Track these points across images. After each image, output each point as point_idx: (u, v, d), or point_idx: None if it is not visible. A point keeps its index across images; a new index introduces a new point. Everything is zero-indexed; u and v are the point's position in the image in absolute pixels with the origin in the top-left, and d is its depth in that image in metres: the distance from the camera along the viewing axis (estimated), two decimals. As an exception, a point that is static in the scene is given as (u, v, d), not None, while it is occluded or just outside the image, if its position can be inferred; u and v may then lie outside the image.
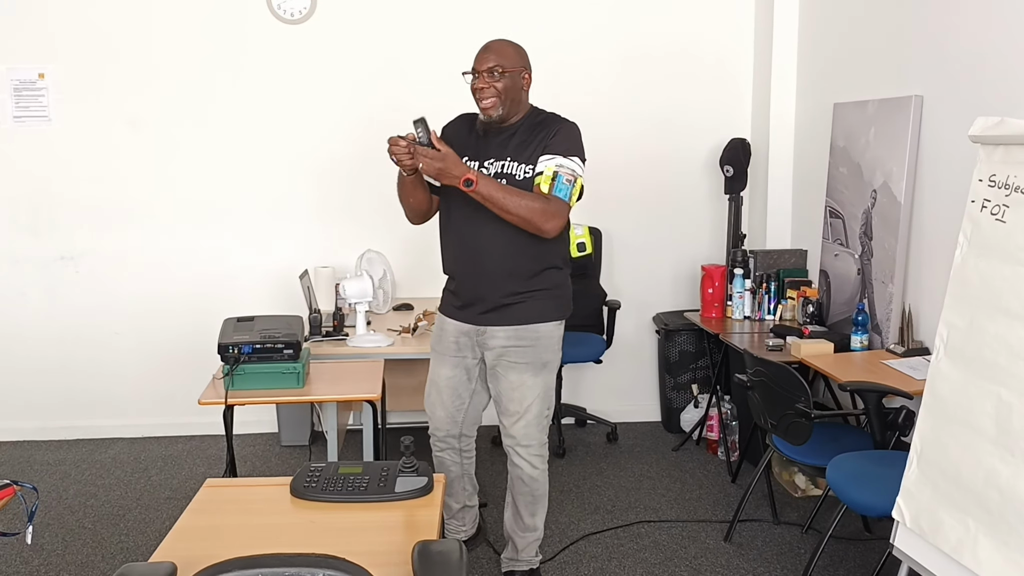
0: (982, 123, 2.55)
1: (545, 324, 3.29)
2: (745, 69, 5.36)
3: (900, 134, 4.01)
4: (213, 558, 1.65)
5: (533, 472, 3.40)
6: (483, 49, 3.19)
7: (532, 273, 3.23)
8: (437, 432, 3.54)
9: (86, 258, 5.23)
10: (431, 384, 3.51)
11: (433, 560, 1.90)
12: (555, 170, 3.08)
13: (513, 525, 3.53)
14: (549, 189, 3.07)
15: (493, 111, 3.15)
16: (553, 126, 3.18)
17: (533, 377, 3.30)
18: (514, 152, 3.17)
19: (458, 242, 3.29)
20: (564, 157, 3.10)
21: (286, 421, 5.17)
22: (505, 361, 3.29)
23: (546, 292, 3.28)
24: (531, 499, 3.45)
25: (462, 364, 3.40)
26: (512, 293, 3.23)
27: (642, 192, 5.41)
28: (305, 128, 5.19)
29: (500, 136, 3.21)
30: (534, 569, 3.59)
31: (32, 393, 5.30)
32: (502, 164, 3.17)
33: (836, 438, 3.70)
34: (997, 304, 2.42)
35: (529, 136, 3.18)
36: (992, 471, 2.36)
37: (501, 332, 3.27)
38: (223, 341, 3.40)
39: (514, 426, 3.35)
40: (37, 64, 5.04)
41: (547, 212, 3.05)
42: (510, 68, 3.13)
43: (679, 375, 5.32)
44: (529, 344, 3.27)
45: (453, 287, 3.39)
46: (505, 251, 3.18)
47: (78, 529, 4.15)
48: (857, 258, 4.34)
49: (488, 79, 3.12)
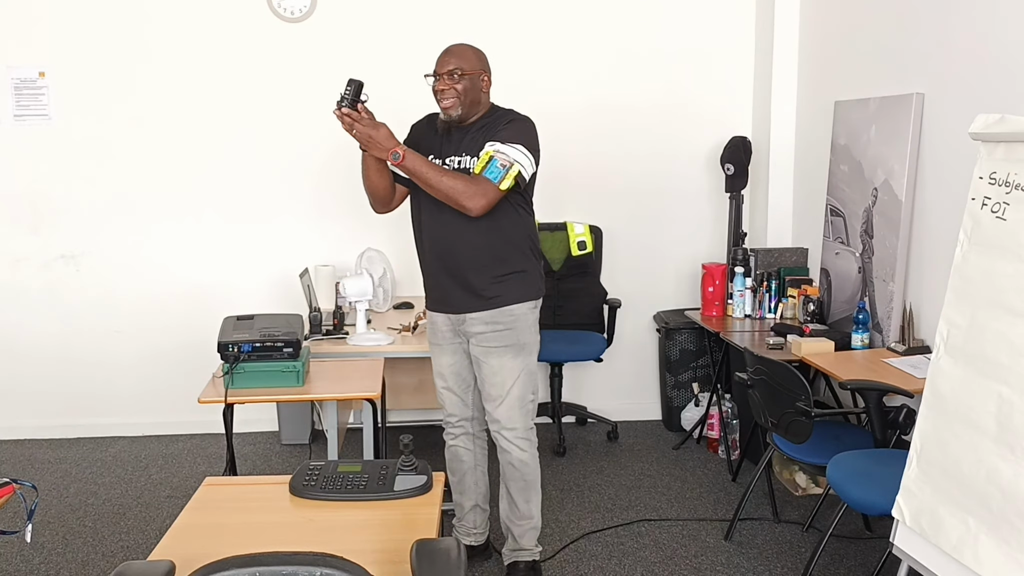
0: (983, 120, 2.55)
1: (520, 305, 3.41)
2: (746, 67, 5.35)
3: (901, 132, 4.00)
4: (212, 556, 1.64)
5: (522, 456, 3.49)
6: (444, 52, 3.35)
7: (500, 260, 3.37)
8: (451, 419, 3.63)
9: (86, 257, 5.23)
10: (437, 376, 3.61)
11: (431, 558, 1.89)
12: (491, 154, 3.21)
13: (509, 515, 3.60)
14: (480, 170, 3.21)
15: (453, 111, 3.30)
16: (504, 119, 3.33)
17: (512, 359, 3.41)
18: (469, 147, 3.32)
19: (427, 240, 3.43)
20: (504, 144, 3.23)
21: (286, 420, 5.17)
22: (484, 346, 3.41)
23: (516, 275, 3.40)
24: (523, 484, 3.53)
25: (460, 349, 3.52)
26: (483, 280, 3.36)
27: (642, 190, 5.41)
28: (305, 126, 5.18)
29: (460, 133, 3.35)
30: (537, 560, 3.63)
31: (32, 391, 5.30)
32: (459, 159, 3.32)
33: (837, 436, 3.69)
34: (998, 301, 2.42)
35: (483, 132, 3.32)
36: (993, 469, 2.35)
37: (478, 317, 3.39)
38: (223, 340, 3.40)
39: (497, 410, 3.45)
40: (37, 63, 5.04)
41: (470, 191, 3.18)
42: (469, 71, 3.29)
43: (680, 373, 5.31)
44: (506, 327, 3.39)
45: (427, 282, 3.53)
46: (470, 240, 3.32)
47: (78, 527, 4.15)
48: (858, 256, 4.34)
49: (448, 81, 3.28)
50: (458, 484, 3.69)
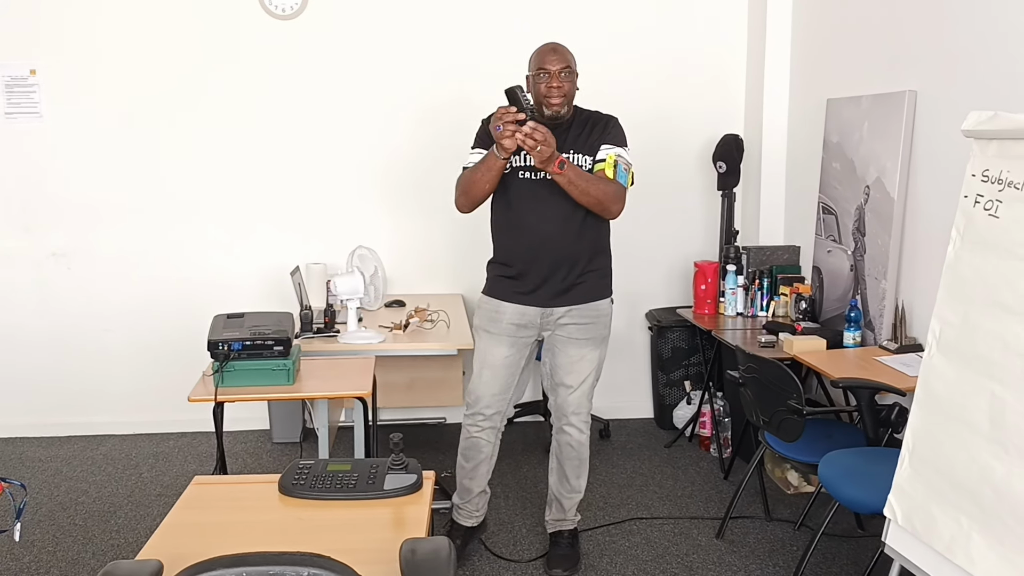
0: (975, 117, 2.54)
1: (603, 301, 3.62)
2: (738, 64, 5.35)
3: (894, 129, 4.00)
4: (200, 556, 1.63)
5: (581, 437, 3.68)
6: (550, 51, 3.41)
7: (589, 258, 3.55)
8: (486, 411, 3.68)
9: (77, 255, 5.21)
10: (482, 365, 3.65)
11: (421, 558, 1.88)
12: (615, 158, 3.41)
13: (560, 488, 3.76)
14: (613, 175, 3.39)
15: (561, 108, 3.40)
16: (605, 120, 3.53)
17: (593, 351, 3.60)
18: (575, 144, 3.45)
19: (523, 232, 3.51)
20: (620, 147, 3.46)
21: (278, 418, 5.16)
22: (567, 337, 3.57)
23: (598, 272, 3.60)
24: (578, 462, 3.71)
25: (519, 343, 3.62)
26: (574, 276, 3.53)
27: (634, 188, 5.37)
28: (296, 124, 5.16)
29: (557, 131, 3.37)
30: (575, 529, 3.84)
31: (23, 389, 5.28)
32: (566, 156, 3.38)
33: (829, 435, 3.69)
34: (991, 299, 2.41)
35: (583, 129, 3.48)
36: (986, 468, 2.35)
37: (566, 311, 3.55)
38: (213, 338, 3.38)
39: (570, 396, 3.62)
40: (28, 60, 5.01)
41: (616, 195, 3.41)
42: (576, 71, 3.44)
43: (672, 372, 5.31)
44: (591, 320, 3.57)
45: (513, 273, 3.57)
46: (568, 239, 3.48)
47: (69, 526, 4.13)
48: (850, 254, 4.34)
49: (560, 79, 3.38)
50: (471, 471, 3.77)
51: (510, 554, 3.85)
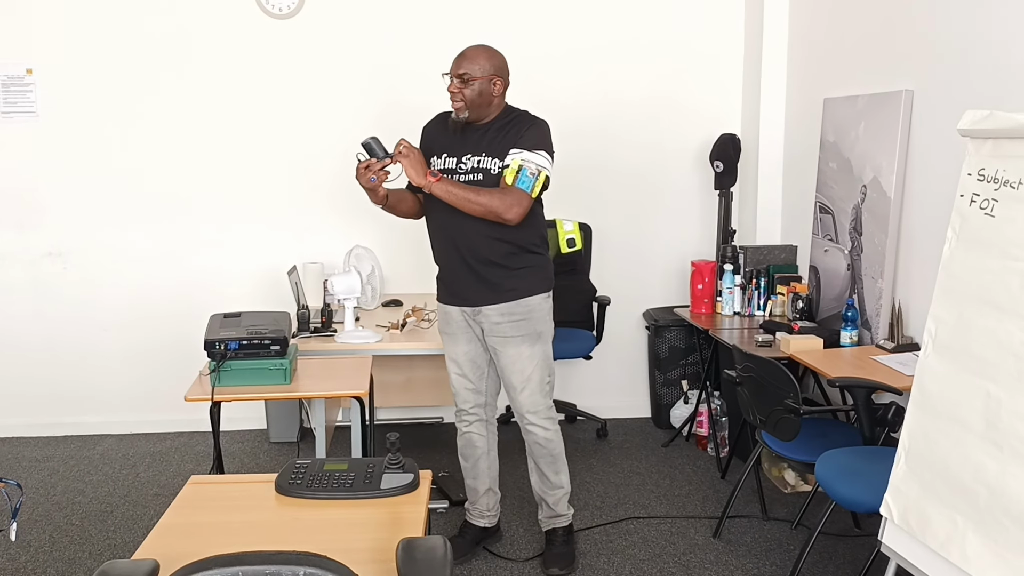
0: (971, 116, 2.54)
1: (534, 297, 3.56)
2: (735, 64, 5.35)
3: (890, 129, 4.00)
4: (196, 555, 1.63)
5: (546, 434, 3.67)
6: (459, 55, 3.43)
7: (513, 257, 3.51)
8: (465, 406, 3.76)
9: (73, 255, 5.20)
10: (450, 363, 3.73)
11: (417, 557, 1.88)
12: (520, 163, 3.36)
13: (541, 487, 3.77)
14: (512, 180, 3.35)
15: (461, 113, 3.42)
16: (523, 124, 3.46)
17: (530, 347, 3.57)
18: (488, 148, 3.44)
19: (439, 237, 3.58)
20: (530, 151, 3.38)
21: (275, 417, 5.16)
22: (501, 337, 3.55)
23: (528, 270, 3.55)
24: (551, 459, 3.71)
25: (474, 337, 3.65)
26: (497, 276, 3.50)
27: (632, 188, 5.40)
28: (293, 124, 5.16)
29: (475, 133, 3.46)
30: (570, 524, 3.83)
31: (19, 389, 5.27)
32: (478, 159, 3.43)
33: (825, 434, 3.69)
34: (985, 299, 2.42)
35: (500, 134, 3.44)
36: (980, 467, 2.35)
37: (494, 309, 3.52)
38: (210, 337, 3.38)
39: (520, 396, 3.62)
40: (25, 59, 5.01)
41: (505, 204, 3.34)
42: (479, 76, 3.38)
43: (669, 371, 5.31)
44: (522, 317, 3.53)
45: (440, 275, 3.66)
46: (481, 240, 3.45)
47: (65, 526, 4.12)
48: (847, 254, 4.34)
49: (458, 84, 3.39)
50: (471, 470, 3.82)
51: (507, 553, 3.86)
